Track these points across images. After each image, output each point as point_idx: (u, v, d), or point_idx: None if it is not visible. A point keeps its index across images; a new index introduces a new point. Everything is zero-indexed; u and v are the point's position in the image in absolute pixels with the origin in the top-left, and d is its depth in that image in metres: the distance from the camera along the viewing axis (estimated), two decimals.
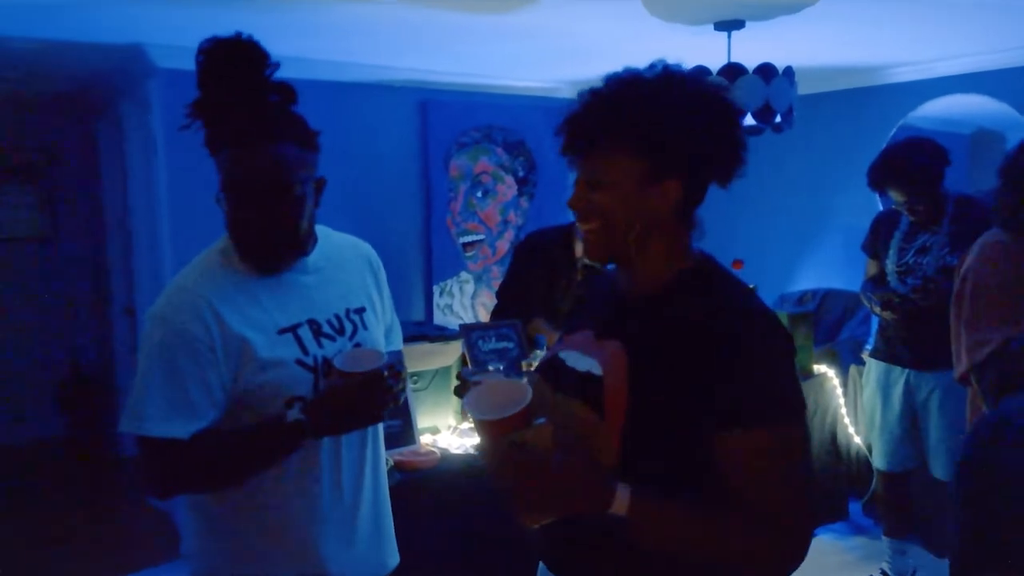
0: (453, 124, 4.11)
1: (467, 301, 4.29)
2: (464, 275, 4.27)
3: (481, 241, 4.33)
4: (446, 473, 2.40)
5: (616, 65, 1.18)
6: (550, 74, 4.18)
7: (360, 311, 1.48)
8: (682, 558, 1.06)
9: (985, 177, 5.40)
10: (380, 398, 1.33)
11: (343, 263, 1.49)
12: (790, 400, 1.06)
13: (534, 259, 3.12)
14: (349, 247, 1.54)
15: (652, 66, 1.15)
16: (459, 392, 1.36)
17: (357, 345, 1.43)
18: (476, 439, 2.59)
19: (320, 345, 1.38)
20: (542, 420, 1.05)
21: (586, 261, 3.07)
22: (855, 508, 3.56)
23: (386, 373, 1.33)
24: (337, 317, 1.42)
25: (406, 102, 3.94)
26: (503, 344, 2.86)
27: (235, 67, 1.29)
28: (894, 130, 4.13)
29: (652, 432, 1.07)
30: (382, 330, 1.56)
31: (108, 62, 3.46)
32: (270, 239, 1.32)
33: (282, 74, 3.54)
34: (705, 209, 1.19)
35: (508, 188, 4.39)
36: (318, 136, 1.36)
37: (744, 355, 1.04)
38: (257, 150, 1.27)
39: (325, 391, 1.34)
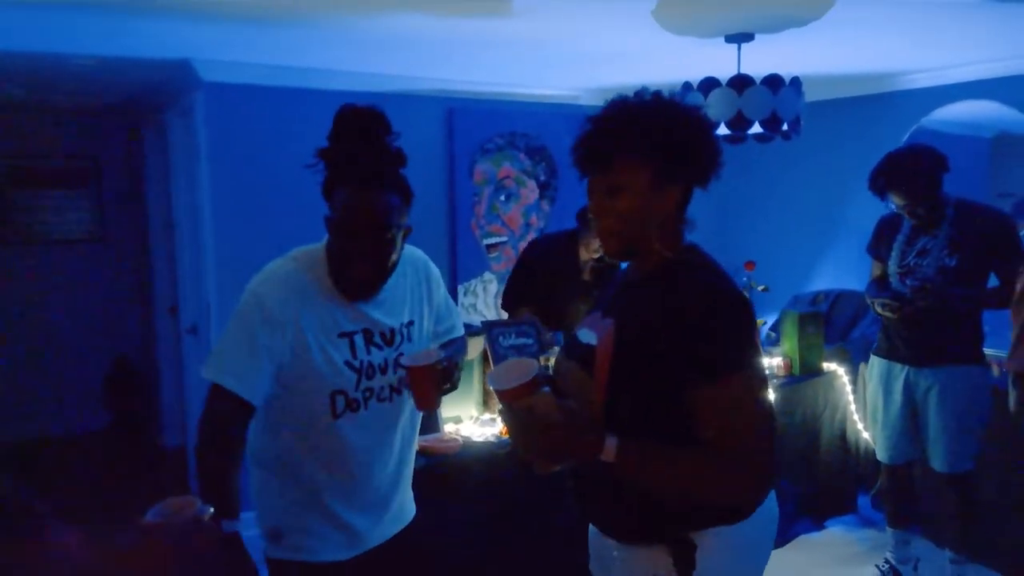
0: (478, 131, 4.29)
1: (490, 300, 4.47)
2: (488, 275, 4.46)
3: (504, 243, 4.51)
4: (467, 459, 2.58)
5: (633, 74, 1.45)
6: (570, 82, 4.35)
7: (409, 324, 1.72)
8: (664, 494, 1.31)
9: (1006, 180, 5.47)
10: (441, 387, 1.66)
11: (403, 280, 1.72)
12: (738, 356, 1.27)
13: (538, 262, 3.38)
14: (410, 263, 1.76)
15: (641, 92, 1.36)
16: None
17: (400, 355, 1.67)
18: (495, 429, 2.78)
19: (368, 352, 1.63)
20: (547, 389, 1.32)
21: (593, 262, 3.30)
22: (864, 502, 3.68)
23: (442, 366, 1.63)
24: (391, 330, 1.67)
25: (434, 110, 4.13)
26: (522, 340, 3.03)
27: (364, 129, 1.55)
28: (908, 133, 4.23)
29: (626, 386, 1.33)
30: (426, 340, 1.79)
31: (157, 75, 3.70)
32: (362, 272, 1.56)
33: (320, 85, 3.84)
34: (722, 213, 1.42)
35: (530, 192, 4.56)
36: (412, 196, 1.63)
37: (697, 322, 1.26)
38: (371, 193, 1.53)
39: None
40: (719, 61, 3.25)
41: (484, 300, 4.43)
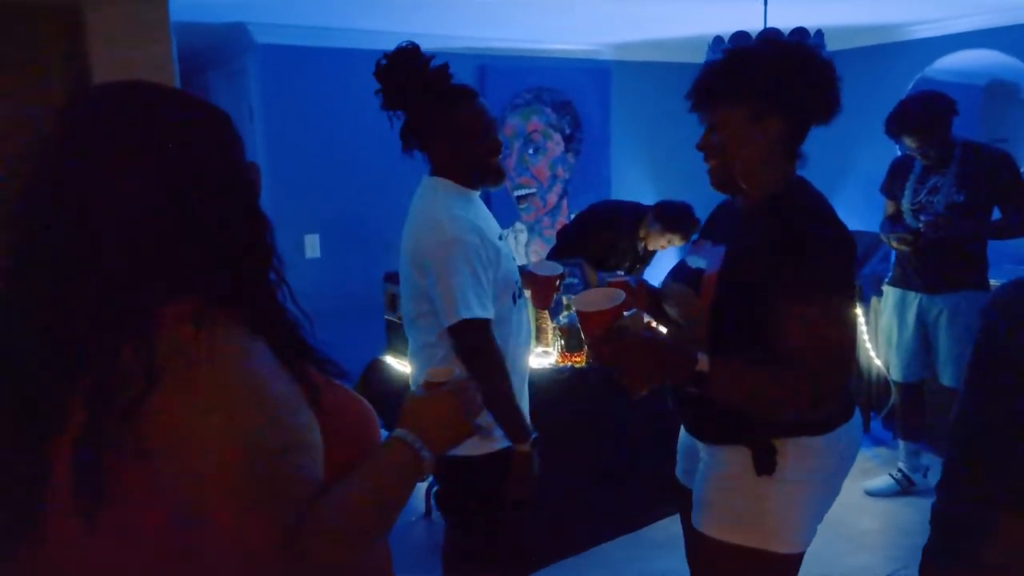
0: (508, 87, 4.51)
1: (521, 249, 4.73)
2: (519, 225, 4.71)
3: (533, 194, 4.76)
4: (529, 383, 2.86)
5: (662, 29, 1.60)
6: (593, 38, 4.56)
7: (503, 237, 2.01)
8: (749, 405, 1.40)
9: (998, 126, 5.71)
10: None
11: None
12: (831, 284, 1.36)
13: (598, 220, 3.69)
14: None
15: (760, 34, 1.52)
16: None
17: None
18: (550, 359, 3.05)
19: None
20: (634, 311, 1.41)
21: (648, 246, 3.62)
22: (876, 424, 4.01)
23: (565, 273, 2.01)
24: (503, 235, 1.94)
25: (467, 68, 4.33)
26: (569, 280, 3.32)
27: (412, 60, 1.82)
28: (912, 82, 4.48)
29: (730, 307, 1.45)
30: None
31: (210, 38, 3.89)
32: (497, 158, 1.91)
33: (358, 46, 4.13)
34: None
35: (556, 145, 4.80)
36: None
37: (795, 247, 1.36)
38: (482, 101, 1.89)
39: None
40: (746, 17, 3.47)
41: (516, 249, 4.69)
